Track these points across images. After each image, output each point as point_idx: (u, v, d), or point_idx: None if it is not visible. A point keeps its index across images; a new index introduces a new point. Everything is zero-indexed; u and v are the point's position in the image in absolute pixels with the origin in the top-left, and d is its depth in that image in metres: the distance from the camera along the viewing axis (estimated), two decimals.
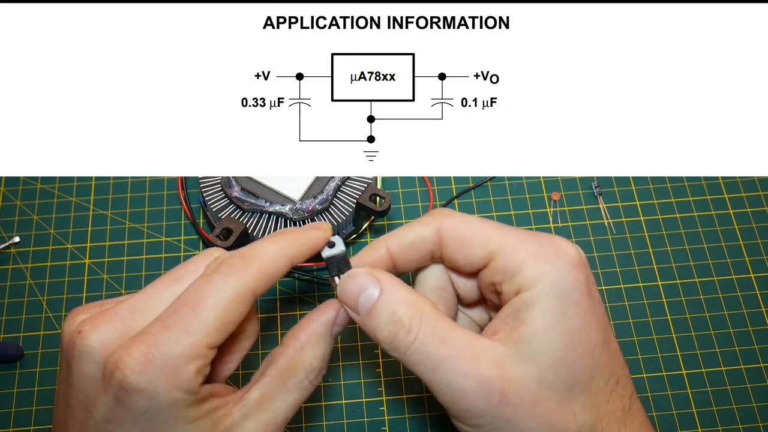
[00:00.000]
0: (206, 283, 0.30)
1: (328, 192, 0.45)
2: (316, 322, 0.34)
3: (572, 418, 0.32)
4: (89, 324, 0.30)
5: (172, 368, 0.28)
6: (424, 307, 0.32)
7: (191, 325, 0.29)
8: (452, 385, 0.31)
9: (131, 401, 0.28)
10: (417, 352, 0.32)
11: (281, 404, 0.32)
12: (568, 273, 0.32)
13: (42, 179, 0.51)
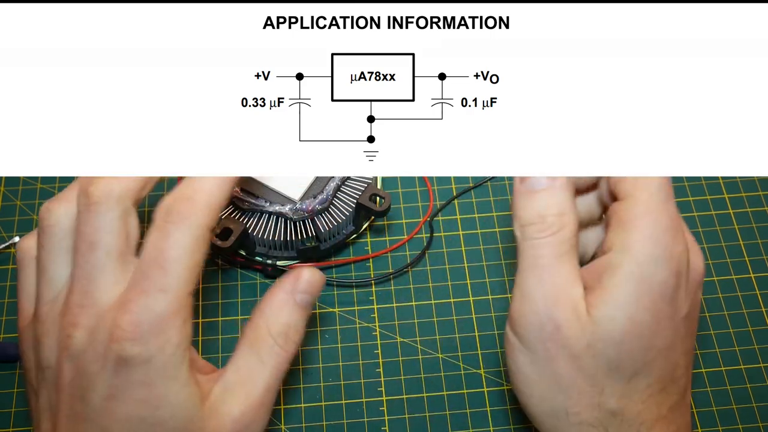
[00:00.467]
0: (163, 238, 0.31)
1: (328, 192, 0.45)
2: (276, 291, 0.35)
3: (599, 391, 0.33)
4: (70, 327, 0.31)
5: (161, 326, 0.30)
6: (570, 225, 0.34)
7: (165, 283, 0.30)
8: (530, 288, 0.33)
9: (130, 368, 0.30)
10: (533, 247, 0.34)
11: (258, 374, 0.33)
12: (662, 269, 0.33)
13: (42, 179, 0.51)
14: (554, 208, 0.34)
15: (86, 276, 0.32)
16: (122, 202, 0.33)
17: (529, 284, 0.34)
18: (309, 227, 0.45)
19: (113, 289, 0.31)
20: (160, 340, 0.30)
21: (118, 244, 0.32)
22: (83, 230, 0.32)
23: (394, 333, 0.46)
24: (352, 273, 0.48)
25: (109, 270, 0.32)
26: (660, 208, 0.34)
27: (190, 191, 0.33)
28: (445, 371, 0.45)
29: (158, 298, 0.30)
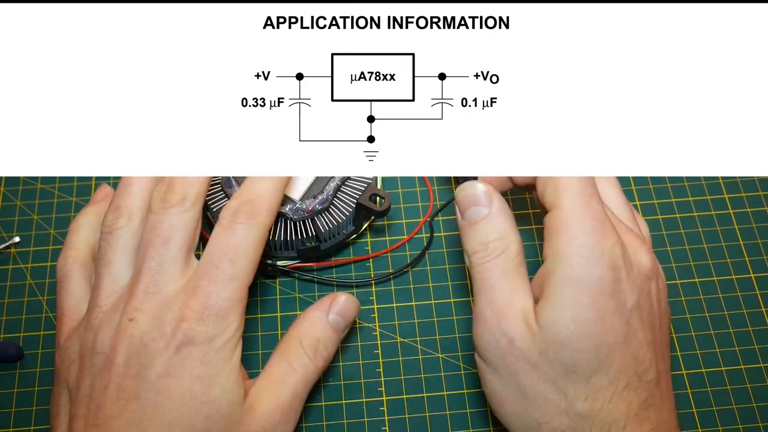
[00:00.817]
0: (233, 236, 0.35)
1: (328, 192, 0.45)
2: (313, 309, 0.39)
3: (563, 397, 0.34)
4: (134, 311, 0.34)
5: (225, 311, 0.34)
6: (511, 246, 0.37)
7: (233, 273, 0.34)
8: (482, 310, 0.36)
9: (193, 347, 0.33)
10: (480, 271, 0.36)
11: (288, 379, 0.37)
12: (595, 267, 0.34)
13: (42, 179, 0.51)
14: (494, 234, 0.37)
15: (157, 267, 0.35)
16: (197, 204, 0.37)
17: (481, 306, 0.36)
18: (309, 227, 0.45)
19: (178, 282, 0.35)
20: (223, 324, 0.34)
21: (188, 241, 0.36)
22: (159, 227, 0.36)
23: (394, 333, 0.46)
24: (352, 273, 0.48)
25: (178, 263, 0.36)
26: (582, 211, 0.35)
27: (253, 195, 0.37)
28: (445, 371, 0.45)
29: (226, 286, 0.34)
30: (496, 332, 0.35)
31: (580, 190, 0.36)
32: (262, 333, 0.46)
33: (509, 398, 0.35)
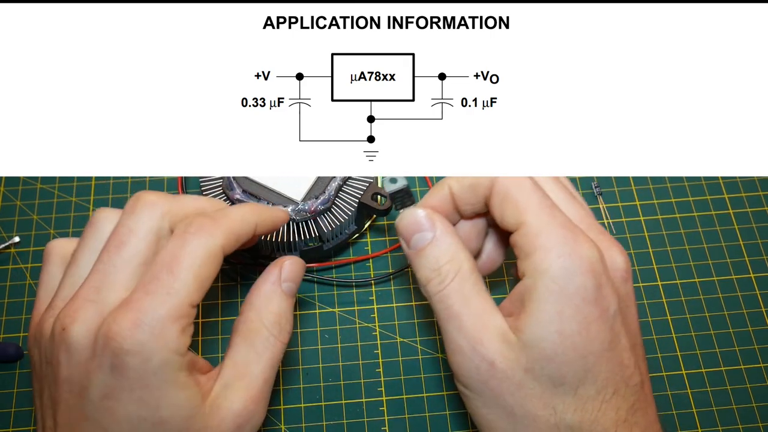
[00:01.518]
0: (180, 246, 0.32)
1: (330, 192, 0.45)
2: (264, 283, 0.36)
3: (552, 412, 0.33)
4: (67, 318, 0.31)
5: (160, 329, 0.30)
6: (464, 265, 0.35)
7: (172, 287, 0.31)
8: (454, 340, 0.34)
9: (126, 367, 0.30)
10: (440, 300, 0.34)
11: (255, 366, 0.34)
12: (576, 275, 0.33)
13: (42, 179, 0.51)
14: (444, 257, 0.35)
15: (103, 272, 0.32)
16: (163, 219, 0.33)
17: (452, 336, 0.34)
18: (312, 228, 0.45)
19: (122, 292, 0.32)
20: (158, 343, 0.30)
21: (144, 252, 0.33)
22: (118, 229, 0.33)
23: (394, 333, 0.46)
24: (352, 273, 0.48)
25: (127, 273, 0.32)
26: (549, 221, 0.34)
27: (217, 214, 0.34)
28: (445, 371, 0.45)
29: (163, 301, 0.30)
30: (475, 358, 0.33)
31: (540, 202, 0.35)
32: None
33: (497, 421, 0.34)
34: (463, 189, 0.37)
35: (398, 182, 0.38)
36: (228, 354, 0.34)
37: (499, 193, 0.36)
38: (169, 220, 0.34)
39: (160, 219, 0.33)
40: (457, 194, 0.37)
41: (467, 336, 0.33)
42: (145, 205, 0.33)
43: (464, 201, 0.37)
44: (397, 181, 0.38)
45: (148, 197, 0.34)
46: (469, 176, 0.37)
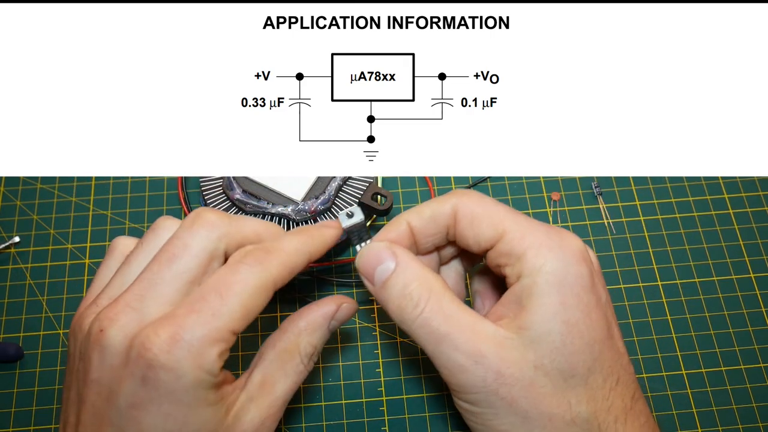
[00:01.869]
0: (232, 273, 0.32)
1: (330, 192, 0.45)
2: (316, 312, 0.36)
3: (567, 408, 0.33)
4: (106, 320, 0.31)
5: (198, 349, 0.30)
6: (435, 284, 0.34)
7: (219, 310, 0.31)
8: (451, 359, 0.33)
9: (158, 380, 0.30)
10: (422, 325, 0.33)
11: (281, 386, 0.34)
12: (571, 265, 0.33)
13: (42, 179, 0.51)
14: (412, 281, 0.34)
15: (151, 281, 0.32)
16: (220, 240, 0.33)
17: (448, 356, 0.33)
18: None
19: (165, 306, 0.31)
20: (193, 362, 0.30)
21: (194, 271, 0.32)
22: (173, 242, 0.33)
23: (394, 333, 0.46)
24: (352, 273, 0.48)
25: (173, 288, 0.32)
26: (529, 224, 0.34)
27: (272, 245, 0.33)
28: None
29: (206, 321, 0.30)
30: (479, 372, 0.32)
31: (509, 210, 0.35)
32: (262, 333, 0.46)
33: (512, 430, 0.33)
34: (423, 222, 0.36)
35: (354, 217, 0.37)
36: (258, 366, 0.35)
37: (465, 216, 0.35)
38: (225, 243, 0.33)
39: (217, 240, 0.33)
40: (417, 227, 0.36)
41: (465, 352, 0.32)
42: (204, 224, 0.33)
43: (425, 234, 0.36)
44: (353, 216, 0.37)
45: (209, 216, 0.33)
46: (427, 207, 0.36)
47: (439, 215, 0.36)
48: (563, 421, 0.33)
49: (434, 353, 0.33)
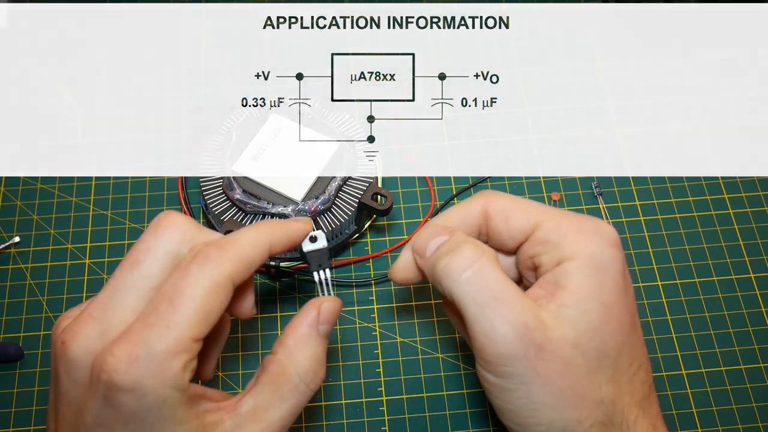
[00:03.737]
0: (183, 276, 0.30)
1: (330, 192, 0.45)
2: (300, 325, 0.33)
3: (597, 388, 0.33)
4: (69, 333, 0.30)
5: (158, 365, 0.28)
6: (488, 251, 0.34)
7: (172, 320, 0.29)
8: (495, 327, 0.32)
9: (119, 402, 0.28)
10: (471, 282, 0.32)
11: (276, 412, 0.32)
12: (607, 249, 0.34)
13: (42, 179, 0.51)
14: (465, 243, 0.34)
15: (113, 289, 0.31)
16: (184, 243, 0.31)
17: (492, 323, 0.32)
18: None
19: (128, 315, 0.30)
20: (155, 380, 0.28)
21: (157, 275, 0.31)
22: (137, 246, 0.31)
23: (394, 333, 0.46)
24: (352, 273, 0.48)
25: (135, 294, 0.31)
26: (562, 214, 0.35)
27: (224, 240, 0.31)
28: (445, 371, 0.45)
29: (161, 334, 0.29)
30: (522, 345, 0.31)
31: (537, 203, 0.36)
32: (261, 333, 0.46)
33: (541, 409, 0.32)
34: (453, 225, 0.36)
35: (318, 242, 0.36)
36: (250, 391, 0.32)
37: (498, 213, 0.36)
38: (189, 247, 0.32)
39: (180, 243, 0.31)
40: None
41: (510, 321, 0.32)
42: (169, 226, 0.32)
43: None
44: (316, 241, 0.36)
45: (174, 218, 0.32)
46: (456, 211, 0.37)
47: (468, 216, 0.36)
48: (593, 401, 0.33)
49: (477, 317, 0.32)
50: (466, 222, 0.36)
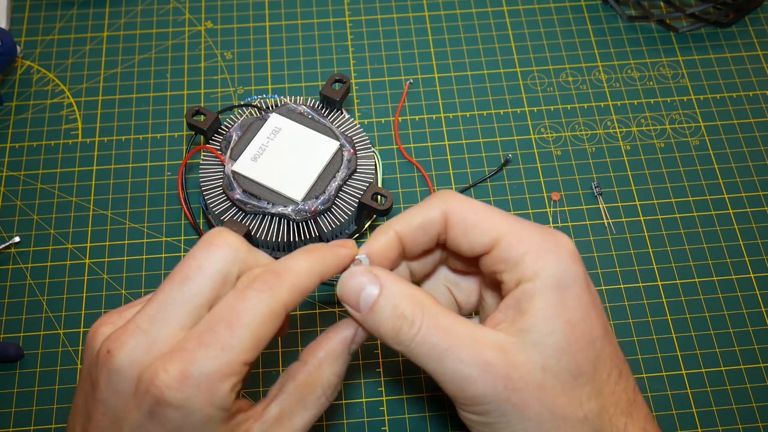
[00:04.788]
0: (241, 300, 0.30)
1: (330, 192, 0.45)
2: (335, 340, 0.34)
3: (578, 406, 0.32)
4: (116, 342, 0.30)
5: (209, 385, 0.29)
6: (425, 300, 0.33)
7: (228, 343, 0.29)
8: (457, 373, 0.32)
9: (166, 417, 0.29)
10: (421, 344, 0.32)
11: (299, 420, 0.33)
12: (569, 266, 0.33)
13: (42, 179, 0.51)
14: (401, 301, 0.32)
15: (162, 302, 0.31)
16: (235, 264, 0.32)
17: (453, 371, 0.32)
18: (312, 228, 0.45)
19: (175, 330, 0.30)
20: (203, 399, 0.29)
21: (207, 293, 0.31)
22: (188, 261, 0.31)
23: None
24: None
25: (184, 310, 0.31)
26: (522, 228, 0.34)
27: (281, 268, 0.32)
28: None
29: (216, 356, 0.29)
30: (489, 381, 0.31)
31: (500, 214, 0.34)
32: None
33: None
34: (412, 231, 0.35)
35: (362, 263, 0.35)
36: (276, 398, 0.33)
37: (458, 224, 0.34)
38: (239, 268, 0.32)
39: (232, 264, 0.32)
40: (406, 236, 0.35)
41: (470, 363, 0.31)
42: (221, 245, 0.32)
43: (414, 242, 0.35)
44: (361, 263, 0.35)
45: (227, 237, 0.32)
46: (416, 215, 0.35)
47: (428, 224, 0.35)
48: (576, 419, 0.32)
49: (437, 370, 0.32)
50: (425, 229, 0.35)
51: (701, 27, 0.57)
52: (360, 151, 0.47)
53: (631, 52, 0.56)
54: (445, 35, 0.57)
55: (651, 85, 0.54)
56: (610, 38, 0.56)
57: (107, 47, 0.55)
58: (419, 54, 0.56)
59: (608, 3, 0.57)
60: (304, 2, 0.58)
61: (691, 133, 0.53)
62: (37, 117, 0.53)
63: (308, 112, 0.47)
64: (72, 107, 0.53)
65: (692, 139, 0.52)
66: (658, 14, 0.56)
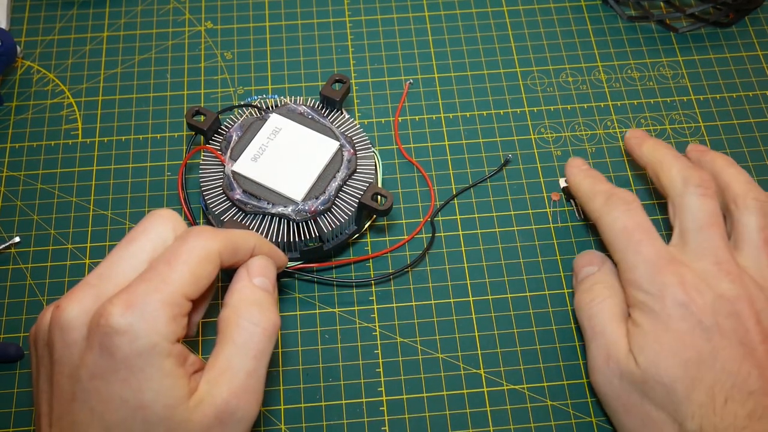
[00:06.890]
0: (180, 243, 0.34)
1: (330, 192, 0.45)
2: (234, 283, 0.36)
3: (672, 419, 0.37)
4: (65, 300, 0.32)
5: (150, 312, 0.31)
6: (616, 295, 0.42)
7: (169, 276, 0.32)
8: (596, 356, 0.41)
9: (114, 346, 0.31)
10: (589, 317, 0.42)
11: (237, 360, 0.34)
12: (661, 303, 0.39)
13: (42, 179, 0.51)
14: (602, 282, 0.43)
15: (109, 261, 0.34)
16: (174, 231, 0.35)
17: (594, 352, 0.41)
18: (312, 228, 0.45)
19: (123, 284, 0.33)
20: (146, 325, 0.31)
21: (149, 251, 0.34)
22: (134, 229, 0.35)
23: (394, 333, 0.46)
24: (352, 273, 0.48)
25: (130, 265, 0.34)
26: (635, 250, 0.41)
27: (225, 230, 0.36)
28: (445, 371, 0.45)
29: (157, 287, 0.32)
30: (608, 373, 0.39)
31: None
32: None
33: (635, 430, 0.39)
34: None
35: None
36: (212, 352, 0.35)
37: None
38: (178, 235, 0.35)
39: (171, 231, 0.35)
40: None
41: (603, 354, 0.40)
42: (162, 216, 0.35)
43: None
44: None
45: (168, 212, 0.36)
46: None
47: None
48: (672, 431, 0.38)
49: (587, 341, 0.42)
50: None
51: (701, 27, 0.57)
52: (360, 151, 0.47)
53: (631, 52, 0.56)
54: (445, 35, 0.57)
55: (651, 85, 0.54)
56: (610, 38, 0.56)
57: (107, 47, 0.56)
58: (419, 54, 0.56)
59: (608, 3, 0.57)
60: (304, 2, 0.58)
61: (691, 133, 0.52)
62: (37, 117, 0.53)
63: (308, 113, 0.47)
64: (72, 107, 0.53)
65: (692, 140, 0.52)
66: (658, 14, 0.56)
